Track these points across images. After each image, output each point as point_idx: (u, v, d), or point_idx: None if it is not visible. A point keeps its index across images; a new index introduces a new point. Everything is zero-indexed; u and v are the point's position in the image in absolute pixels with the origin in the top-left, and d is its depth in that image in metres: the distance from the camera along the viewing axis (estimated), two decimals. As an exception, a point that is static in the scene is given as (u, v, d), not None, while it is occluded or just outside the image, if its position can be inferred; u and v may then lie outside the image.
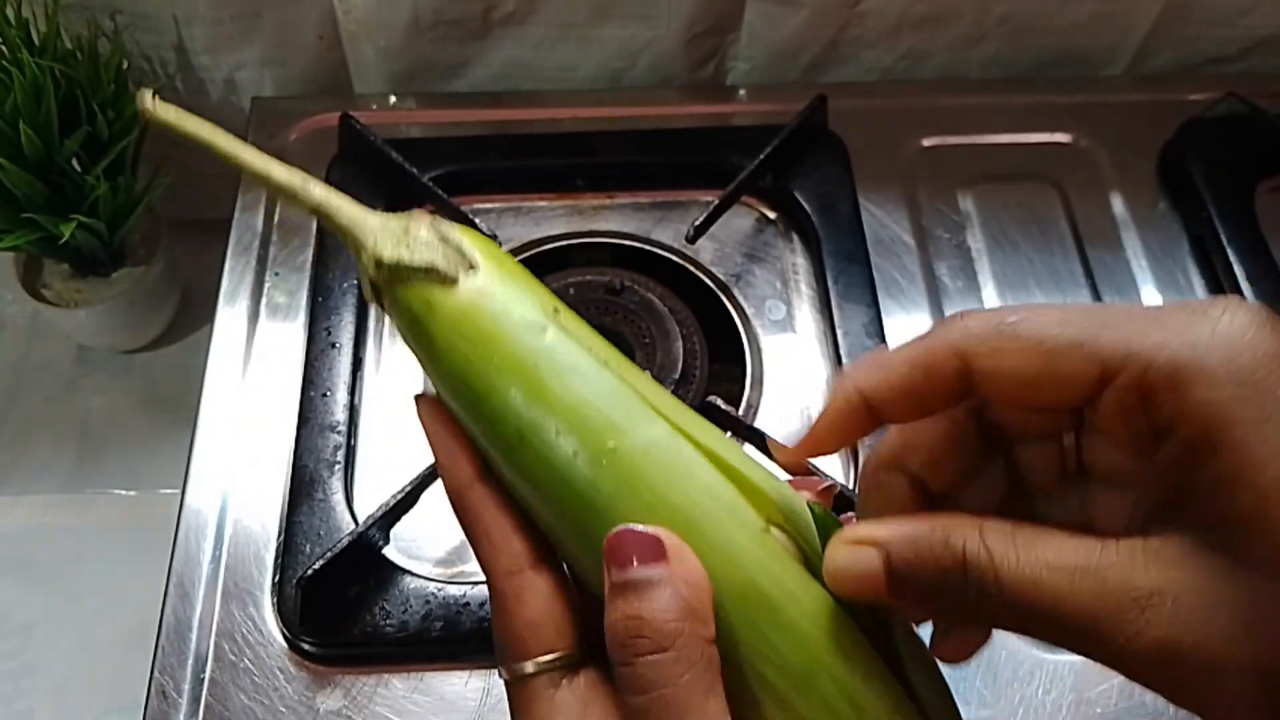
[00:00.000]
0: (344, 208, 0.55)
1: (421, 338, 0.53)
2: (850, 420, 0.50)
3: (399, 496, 0.89)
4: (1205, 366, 0.41)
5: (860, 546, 0.47)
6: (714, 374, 1.04)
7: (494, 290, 0.52)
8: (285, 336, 1.04)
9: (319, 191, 0.55)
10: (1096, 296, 1.08)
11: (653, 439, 0.50)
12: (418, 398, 0.55)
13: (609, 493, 0.49)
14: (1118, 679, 0.86)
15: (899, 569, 0.46)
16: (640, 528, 0.47)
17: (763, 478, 0.51)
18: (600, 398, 0.50)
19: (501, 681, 0.51)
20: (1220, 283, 1.08)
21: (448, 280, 0.52)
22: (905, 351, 0.48)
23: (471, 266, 0.53)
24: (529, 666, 0.50)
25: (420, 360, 0.54)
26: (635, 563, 0.47)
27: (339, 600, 0.87)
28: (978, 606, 0.44)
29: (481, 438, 0.53)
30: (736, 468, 0.51)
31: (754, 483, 0.51)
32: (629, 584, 0.47)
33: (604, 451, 0.49)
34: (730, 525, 0.49)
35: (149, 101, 0.55)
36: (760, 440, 0.93)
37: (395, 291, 0.53)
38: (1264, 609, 0.39)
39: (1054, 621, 0.42)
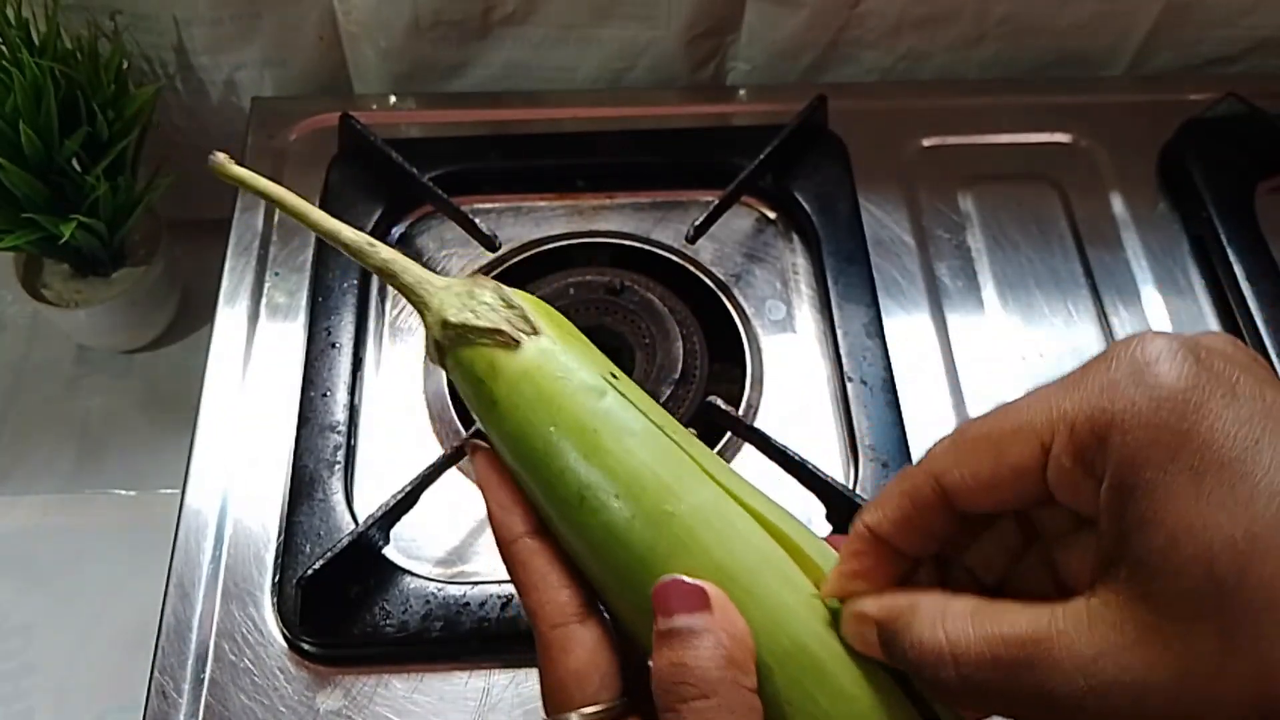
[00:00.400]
0: (410, 269, 0.58)
1: (484, 398, 0.55)
2: (870, 557, 0.51)
3: (399, 496, 0.89)
4: (1116, 412, 0.42)
5: (860, 623, 0.48)
6: (714, 374, 1.04)
7: (556, 354, 0.55)
8: (285, 336, 1.04)
9: (385, 253, 0.59)
10: (1096, 296, 1.08)
11: (706, 502, 0.51)
12: (473, 447, 0.57)
13: (665, 554, 0.50)
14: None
15: (887, 646, 0.47)
16: (687, 579, 0.48)
17: (807, 540, 0.53)
18: (657, 462, 0.52)
19: (501, 682, 0.52)
20: (1220, 282, 1.08)
21: (511, 343, 0.54)
22: (895, 484, 0.50)
23: (534, 330, 0.55)
24: (574, 717, 0.51)
25: (480, 418, 0.56)
26: (680, 610, 0.48)
27: (339, 600, 0.87)
28: (949, 687, 0.45)
29: (540, 495, 0.54)
30: (785, 531, 0.52)
31: (800, 546, 0.52)
32: (674, 632, 0.48)
33: (661, 514, 0.51)
34: (780, 588, 0.50)
35: (221, 161, 0.60)
36: (761, 440, 0.93)
37: (459, 352, 0.55)
38: (1185, 663, 0.39)
39: (1014, 697, 0.43)
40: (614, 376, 0.55)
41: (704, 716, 0.46)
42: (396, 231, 1.12)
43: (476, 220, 1.06)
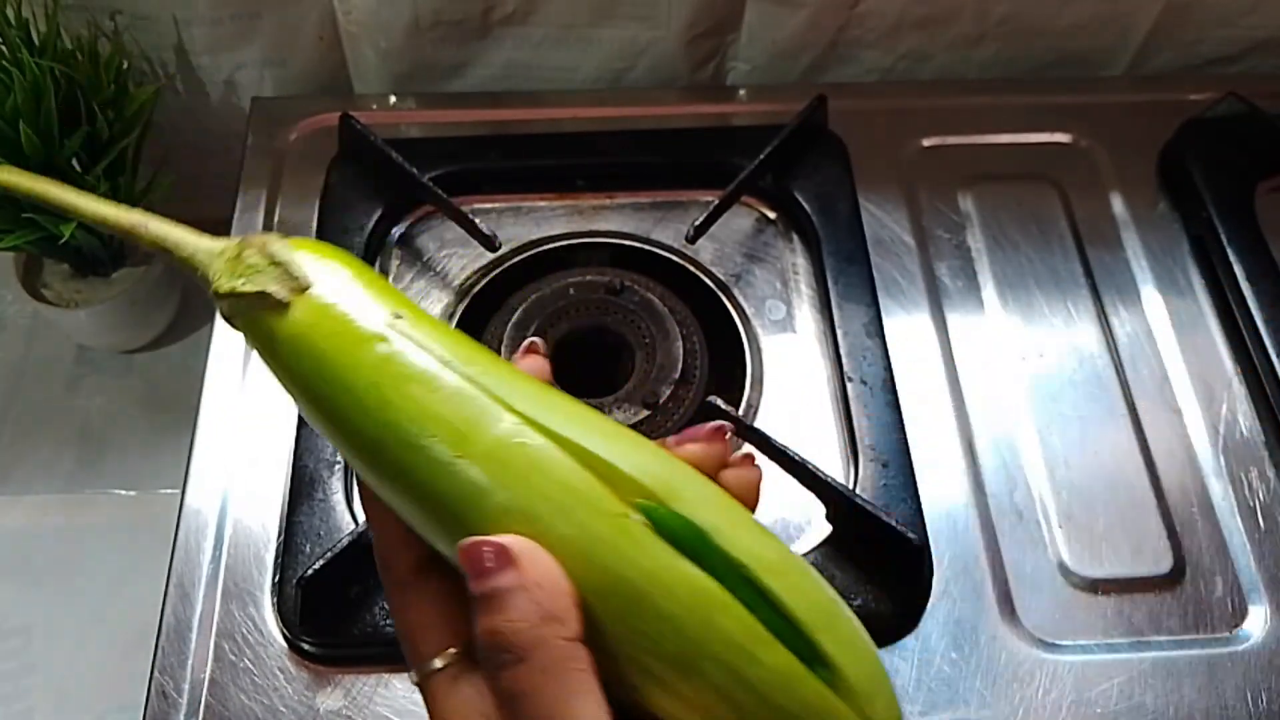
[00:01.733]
0: (184, 241, 0.55)
1: (271, 366, 0.53)
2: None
3: (399, 496, 0.89)
4: None
5: None
6: (714, 374, 1.04)
7: (327, 309, 0.52)
8: (285, 336, 1.04)
9: (156, 227, 0.55)
10: (1096, 296, 1.08)
11: (499, 440, 0.49)
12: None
13: (464, 501, 0.48)
14: (1118, 678, 0.87)
15: None
16: (487, 538, 0.47)
17: (626, 455, 0.50)
18: (444, 404, 0.49)
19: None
20: (1220, 282, 1.08)
21: (279, 306, 0.51)
22: None
23: (303, 286, 0.52)
24: (425, 667, 0.51)
25: (279, 383, 0.54)
26: (487, 574, 0.47)
27: (339, 600, 0.87)
28: None
29: (348, 455, 0.52)
30: (594, 452, 0.49)
31: (613, 464, 0.49)
32: (484, 596, 0.47)
33: (453, 461, 0.49)
34: (587, 516, 0.48)
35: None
36: (761, 440, 0.93)
37: (243, 322, 0.53)
38: None
39: None
40: (398, 317, 0.51)
41: (523, 679, 0.46)
42: (396, 231, 1.12)
43: (476, 220, 1.06)
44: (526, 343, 0.59)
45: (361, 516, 0.90)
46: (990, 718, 0.86)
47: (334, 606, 0.87)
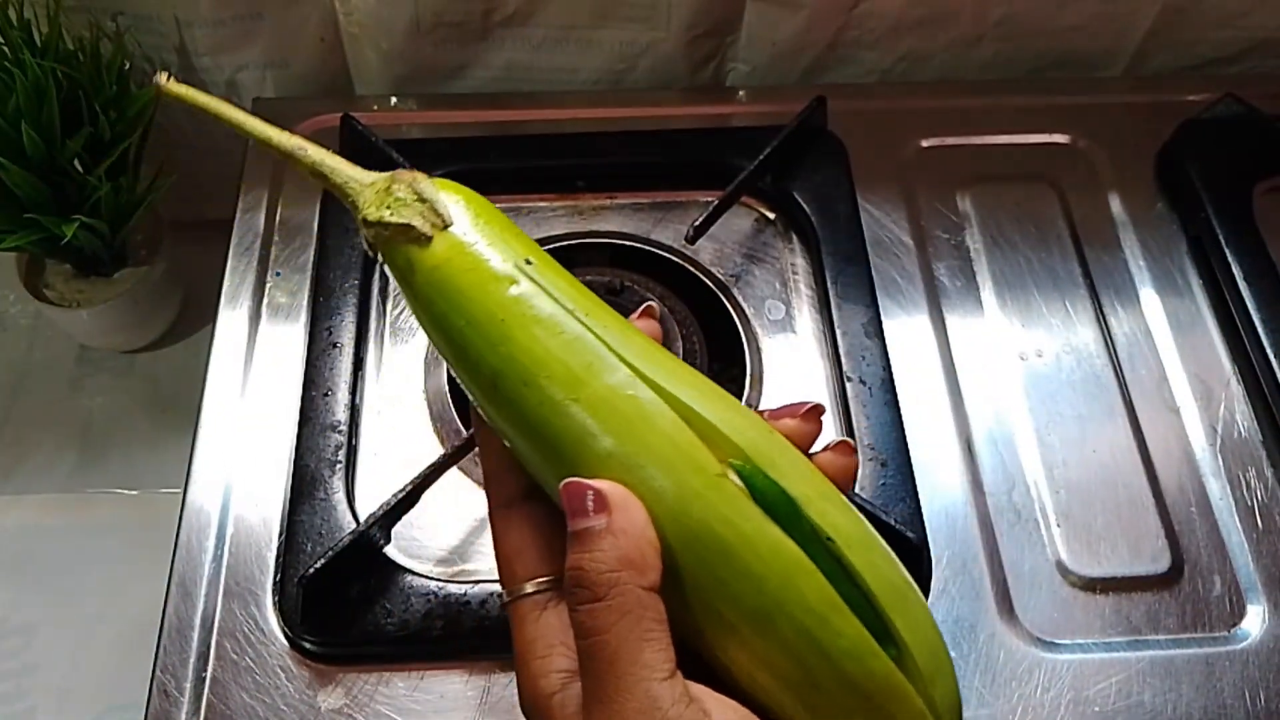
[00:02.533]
0: (339, 168, 0.59)
1: (406, 293, 0.56)
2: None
3: (400, 496, 0.89)
4: None
5: None
6: (714, 374, 1.03)
7: (465, 247, 0.55)
8: (287, 336, 1.04)
9: (314, 154, 0.59)
10: (1095, 296, 1.08)
11: (612, 388, 0.52)
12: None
13: (571, 441, 0.51)
14: (1116, 676, 0.87)
15: None
16: (587, 480, 0.50)
17: (727, 419, 0.53)
18: (564, 349, 0.53)
19: (501, 681, 0.53)
20: (1218, 282, 1.08)
21: (422, 239, 0.55)
22: None
23: (445, 224, 0.55)
24: (515, 590, 0.54)
25: (411, 309, 0.57)
26: (580, 515, 0.49)
27: (340, 599, 0.87)
28: None
29: (465, 383, 0.56)
30: (699, 412, 0.52)
31: (715, 426, 0.52)
32: (575, 535, 0.50)
33: (565, 402, 0.51)
34: (685, 471, 0.50)
35: (163, 80, 0.63)
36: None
37: (385, 250, 0.56)
38: None
39: None
40: (528, 263, 0.55)
41: (596, 618, 0.48)
42: (397, 232, 1.11)
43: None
44: (644, 305, 0.64)
45: (363, 514, 0.90)
46: (989, 716, 0.86)
47: (335, 605, 0.87)
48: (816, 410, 0.58)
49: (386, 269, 0.57)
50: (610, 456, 0.51)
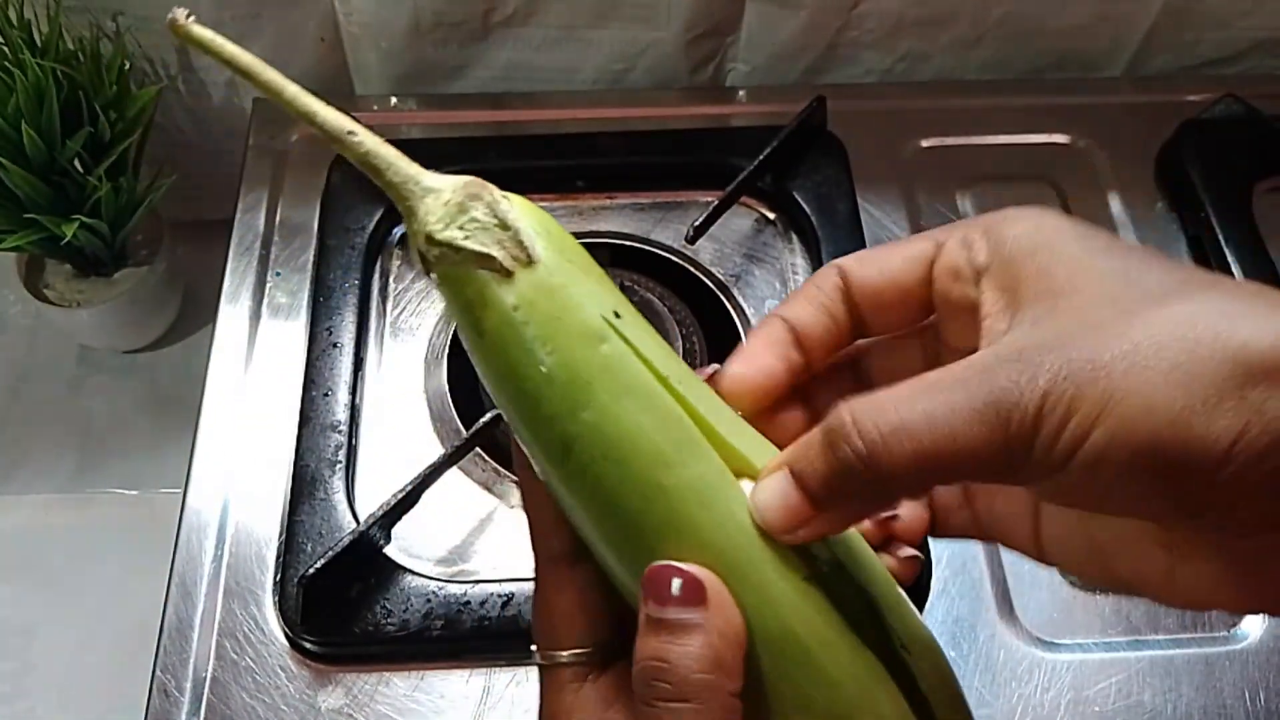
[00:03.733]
0: (396, 163, 0.52)
1: (470, 327, 0.49)
2: (777, 346, 0.53)
3: (400, 496, 0.89)
4: (1012, 219, 0.48)
5: (771, 478, 0.47)
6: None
7: (553, 289, 0.48)
8: (287, 336, 1.04)
9: (369, 143, 0.52)
10: (1095, 297, 1.08)
11: (703, 476, 0.48)
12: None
13: (653, 527, 0.47)
14: (1116, 676, 0.87)
15: (808, 482, 0.45)
16: (686, 566, 0.46)
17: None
18: (655, 426, 0.48)
19: (501, 680, 0.52)
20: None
21: (503, 272, 0.48)
22: (804, 285, 0.55)
23: (530, 260, 0.49)
24: (560, 656, 0.51)
25: (465, 343, 0.50)
26: (674, 601, 0.46)
27: (340, 599, 0.87)
28: (889, 477, 0.43)
29: (525, 435, 0.50)
30: None
31: None
32: (664, 623, 0.46)
33: (652, 484, 0.47)
34: (771, 572, 0.47)
35: (181, 17, 0.51)
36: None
37: (446, 271, 0.49)
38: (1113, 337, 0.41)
39: (964, 449, 0.42)
40: (617, 316, 0.49)
41: (678, 718, 0.45)
42: (398, 232, 1.12)
43: (478, 221, 1.06)
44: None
45: (363, 514, 0.90)
46: (989, 716, 0.86)
47: (335, 605, 0.87)
48: (891, 518, 0.55)
49: (442, 295, 0.50)
50: (697, 549, 0.47)
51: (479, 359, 0.50)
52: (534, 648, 0.52)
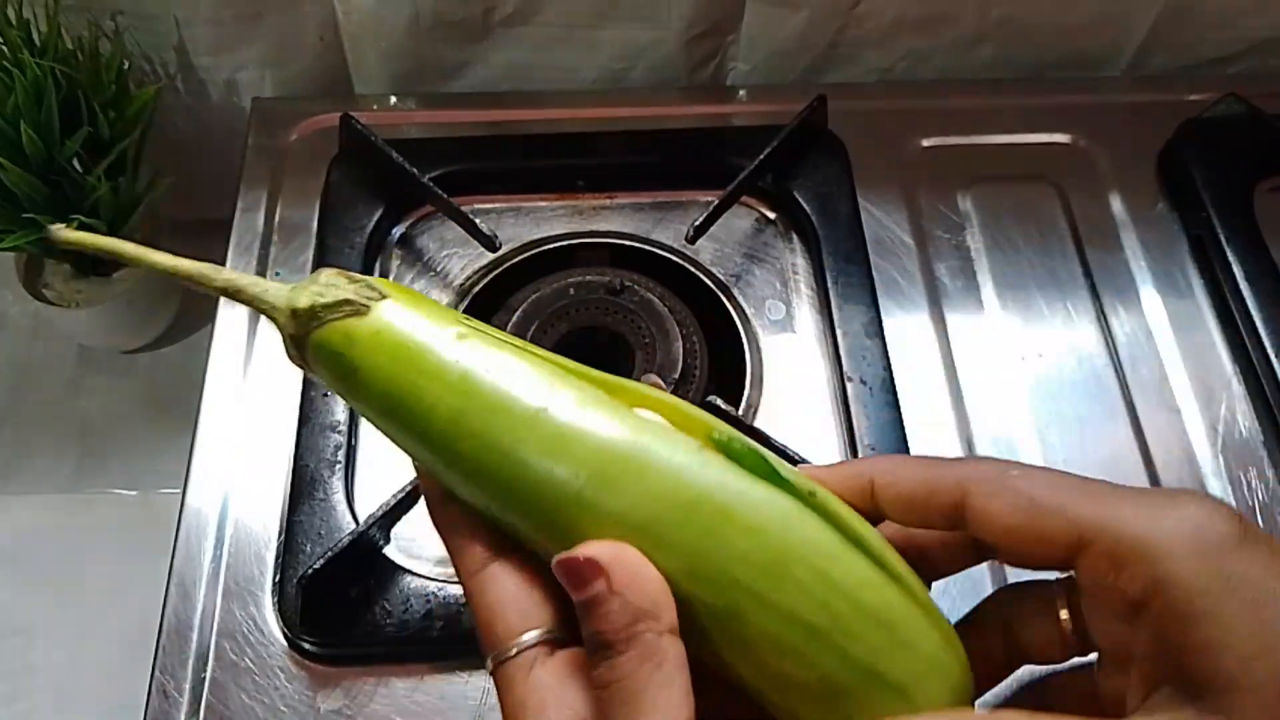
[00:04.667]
0: (253, 283, 0.57)
1: (345, 370, 0.54)
2: (852, 490, 0.53)
3: (399, 496, 0.89)
4: (1171, 543, 0.45)
5: None
6: (714, 374, 1.03)
7: (406, 311, 0.54)
8: (286, 336, 1.04)
9: (225, 276, 0.57)
10: (1096, 296, 1.08)
11: (576, 397, 0.52)
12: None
13: (541, 455, 0.51)
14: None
15: None
16: (575, 553, 0.49)
17: (694, 410, 0.54)
18: (523, 376, 0.53)
19: None
20: (1219, 282, 1.08)
21: (361, 310, 0.54)
22: (918, 463, 0.53)
23: (381, 295, 0.54)
24: (500, 653, 0.52)
25: (348, 396, 0.56)
26: (584, 582, 0.49)
27: (340, 600, 0.87)
28: None
29: (421, 451, 0.55)
30: (665, 401, 0.54)
31: (685, 412, 0.54)
32: (583, 604, 0.49)
33: (532, 417, 0.51)
34: (667, 448, 0.51)
35: (57, 231, 0.58)
36: (760, 439, 0.93)
37: (314, 336, 0.55)
38: None
39: None
40: (466, 321, 0.55)
41: (616, 668, 0.48)
42: (397, 231, 1.12)
43: (477, 220, 1.06)
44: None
45: (362, 514, 0.90)
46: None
47: (334, 606, 0.87)
48: None
49: (313, 367, 0.56)
50: (589, 454, 0.51)
51: (361, 399, 0.55)
52: (486, 662, 0.53)
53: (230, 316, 1.05)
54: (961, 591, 0.92)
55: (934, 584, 0.57)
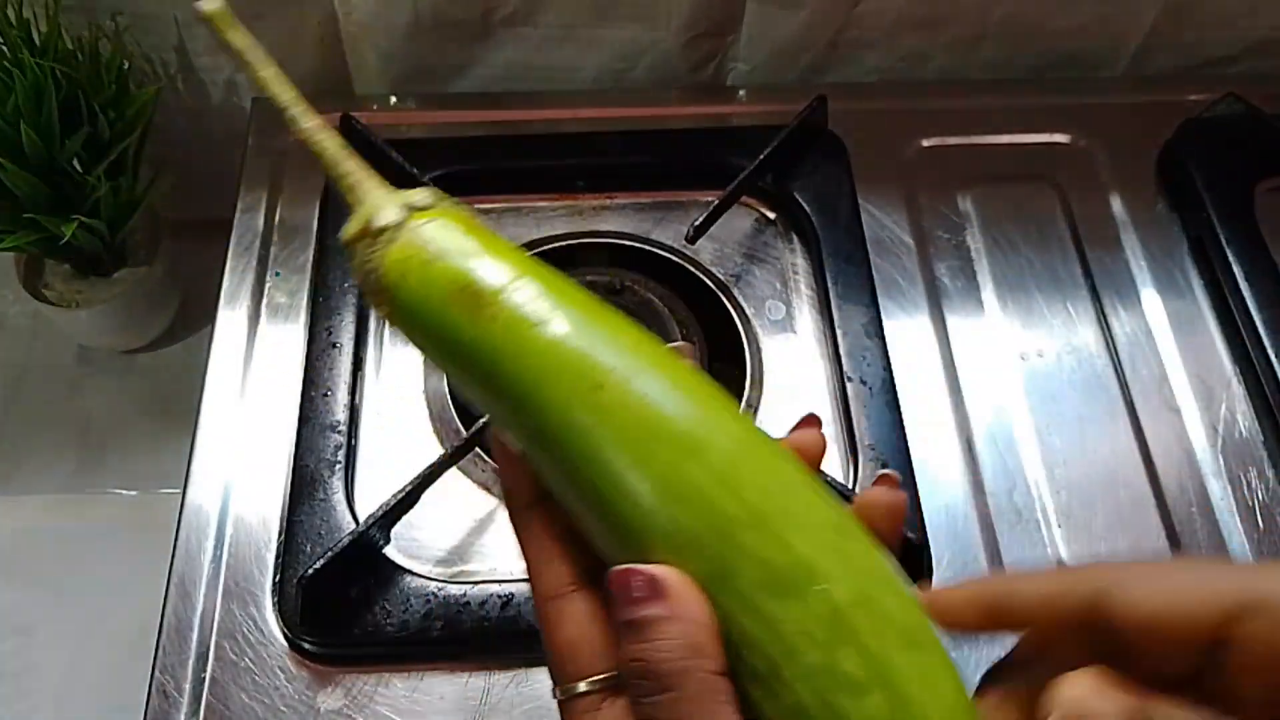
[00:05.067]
0: (359, 174, 0.55)
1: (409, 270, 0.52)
2: (976, 605, 0.52)
3: (399, 496, 0.89)
4: None
5: None
6: (714, 374, 1.03)
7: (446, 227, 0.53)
8: (286, 336, 1.04)
9: (346, 167, 0.54)
10: (1096, 297, 1.08)
11: (638, 369, 0.49)
12: (496, 430, 0.55)
13: (606, 440, 0.48)
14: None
15: None
16: (637, 566, 0.47)
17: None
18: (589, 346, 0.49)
19: (501, 681, 0.52)
20: (1219, 282, 1.08)
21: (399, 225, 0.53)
22: (1041, 573, 0.51)
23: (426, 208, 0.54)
24: (575, 688, 0.50)
25: (417, 341, 0.54)
26: (637, 601, 0.47)
27: (340, 600, 0.87)
28: None
29: (484, 397, 0.51)
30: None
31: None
32: (633, 624, 0.47)
33: (591, 389, 0.48)
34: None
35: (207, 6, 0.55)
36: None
37: (368, 274, 0.53)
38: None
39: None
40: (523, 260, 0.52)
41: (668, 708, 0.46)
42: (397, 232, 1.11)
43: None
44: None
45: (362, 514, 0.90)
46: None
47: (334, 606, 0.87)
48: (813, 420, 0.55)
49: (383, 315, 0.54)
50: (642, 428, 0.48)
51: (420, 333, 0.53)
52: (554, 688, 0.52)
53: (230, 316, 1.05)
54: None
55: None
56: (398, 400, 1.01)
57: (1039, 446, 0.99)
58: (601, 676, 0.50)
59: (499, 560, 0.93)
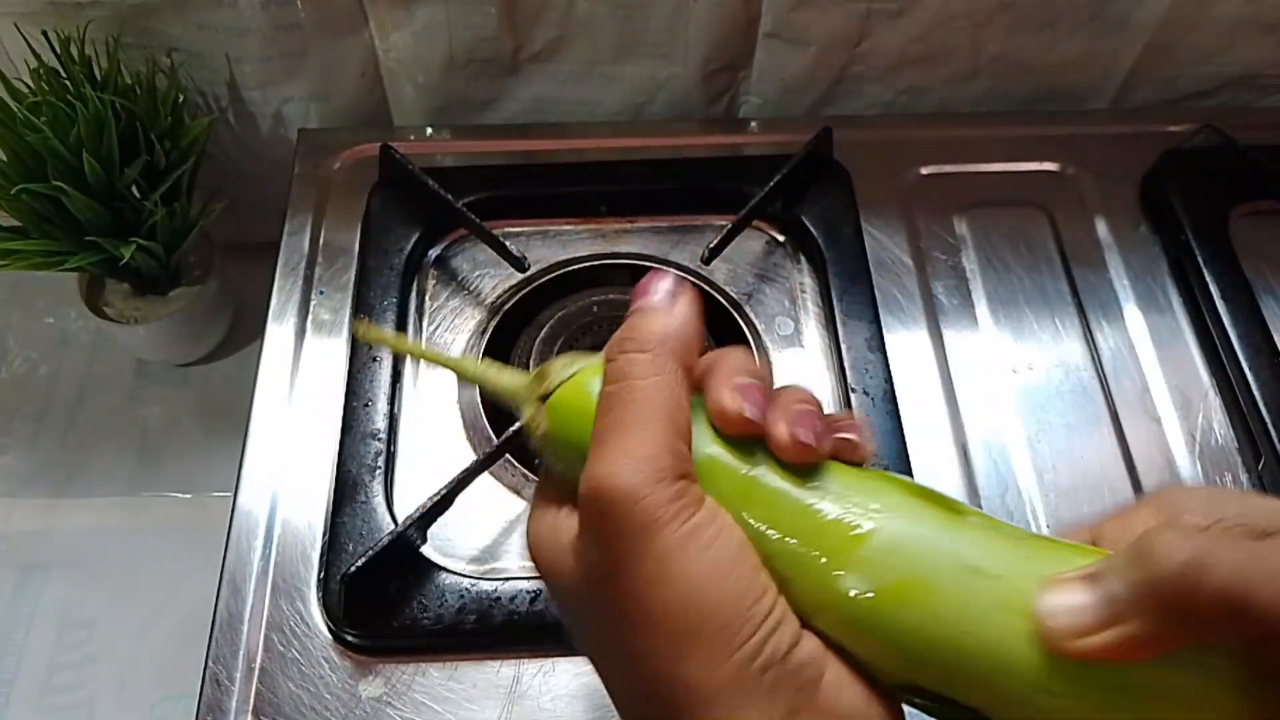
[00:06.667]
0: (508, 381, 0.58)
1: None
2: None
3: (435, 499, 0.89)
4: None
5: (1067, 582, 0.42)
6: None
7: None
8: (330, 351, 1.04)
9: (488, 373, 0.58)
10: (1082, 314, 1.08)
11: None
12: None
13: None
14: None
15: (1112, 587, 0.40)
16: (668, 270, 0.48)
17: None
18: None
19: (530, 670, 0.51)
20: (1197, 301, 1.08)
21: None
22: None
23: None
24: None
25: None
26: (651, 294, 0.49)
27: (380, 595, 0.87)
28: (1199, 599, 0.37)
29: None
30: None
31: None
32: (637, 309, 0.49)
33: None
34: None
35: (361, 329, 0.63)
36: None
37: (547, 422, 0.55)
38: None
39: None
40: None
41: (634, 365, 0.47)
42: (433, 253, 1.12)
43: (507, 243, 1.06)
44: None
45: (401, 516, 0.90)
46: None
47: (375, 601, 0.87)
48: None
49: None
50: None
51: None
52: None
53: (278, 332, 1.05)
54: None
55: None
56: (434, 410, 1.02)
57: (1029, 453, 0.99)
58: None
59: (527, 559, 0.93)
